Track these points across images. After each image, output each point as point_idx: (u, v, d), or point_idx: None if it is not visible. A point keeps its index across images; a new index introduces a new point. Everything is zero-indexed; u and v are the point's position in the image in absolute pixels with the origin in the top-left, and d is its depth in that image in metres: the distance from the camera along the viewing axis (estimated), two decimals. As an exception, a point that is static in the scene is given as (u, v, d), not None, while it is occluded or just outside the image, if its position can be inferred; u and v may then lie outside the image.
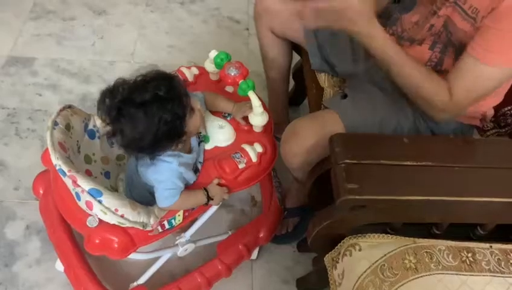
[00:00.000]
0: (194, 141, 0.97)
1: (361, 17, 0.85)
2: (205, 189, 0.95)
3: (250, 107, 0.99)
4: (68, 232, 1.11)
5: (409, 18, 1.02)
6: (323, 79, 1.20)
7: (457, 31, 0.90)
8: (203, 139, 0.99)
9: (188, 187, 0.94)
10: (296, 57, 1.39)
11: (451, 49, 0.93)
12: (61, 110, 0.97)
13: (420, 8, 1.00)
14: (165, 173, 0.89)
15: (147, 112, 0.81)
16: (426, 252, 0.86)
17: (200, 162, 0.97)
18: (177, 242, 1.08)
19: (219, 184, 0.96)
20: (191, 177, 0.94)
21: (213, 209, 1.03)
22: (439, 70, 0.96)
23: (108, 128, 0.85)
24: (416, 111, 0.97)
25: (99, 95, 0.85)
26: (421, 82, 0.89)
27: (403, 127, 0.99)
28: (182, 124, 0.85)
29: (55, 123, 0.94)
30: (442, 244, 0.89)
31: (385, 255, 0.85)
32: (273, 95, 1.42)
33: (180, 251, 1.08)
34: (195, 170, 0.96)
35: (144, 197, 0.95)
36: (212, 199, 0.95)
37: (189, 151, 0.95)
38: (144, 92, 0.82)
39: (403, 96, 0.96)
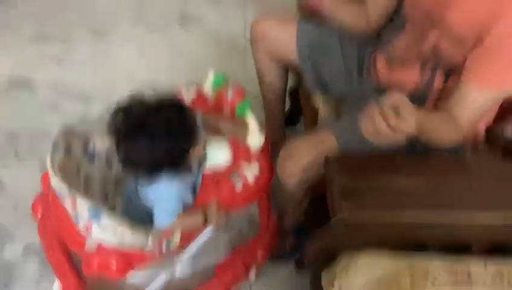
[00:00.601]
0: (193, 162, 0.98)
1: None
2: (204, 211, 0.96)
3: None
4: (67, 254, 1.10)
5: (399, 42, 1.05)
6: (318, 100, 1.22)
7: (446, 56, 0.93)
8: (202, 161, 1.01)
9: (187, 208, 0.95)
10: (292, 78, 1.42)
11: (441, 71, 0.96)
12: (61, 133, 0.99)
13: (409, 33, 1.03)
14: (165, 193, 0.90)
15: (155, 141, 0.83)
16: (422, 270, 0.87)
17: (198, 183, 0.99)
18: (175, 263, 1.09)
19: (217, 207, 0.97)
20: (190, 198, 0.95)
21: (210, 230, 1.04)
22: (431, 89, 0.98)
23: (114, 143, 0.87)
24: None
25: (114, 110, 0.86)
26: (442, 133, 0.91)
27: (397, 147, 1.01)
28: (185, 156, 0.88)
29: (55, 146, 0.95)
30: (438, 262, 0.90)
31: (381, 273, 0.86)
32: (270, 115, 1.44)
33: (178, 272, 1.08)
34: (193, 192, 0.97)
35: (142, 219, 0.96)
36: (210, 222, 0.96)
37: (190, 172, 0.96)
38: (157, 120, 0.83)
39: None
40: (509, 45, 0.83)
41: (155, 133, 0.83)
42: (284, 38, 1.18)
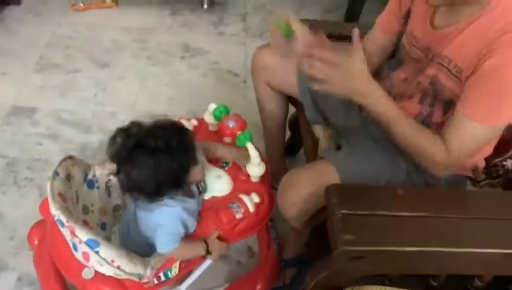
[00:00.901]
0: (194, 188, 0.98)
1: (361, 76, 0.89)
2: (205, 241, 0.95)
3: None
4: (62, 285, 1.08)
5: (398, 75, 1.07)
6: (318, 131, 1.23)
7: (444, 89, 0.95)
8: (202, 189, 1.01)
9: (188, 236, 0.94)
10: (292, 108, 1.44)
11: (440, 103, 0.98)
12: (62, 161, 0.99)
13: (408, 66, 1.05)
14: (167, 217, 0.90)
15: (156, 159, 0.84)
16: (424, 305, 0.85)
17: (198, 210, 0.98)
18: (172, 294, 1.06)
19: (218, 238, 0.96)
20: (192, 224, 0.94)
21: (209, 261, 1.02)
22: (430, 122, 1.00)
23: (115, 166, 0.88)
24: (410, 163, 1.00)
25: (114, 132, 0.88)
26: (420, 141, 0.92)
27: (397, 178, 1.01)
28: (185, 174, 0.88)
29: (56, 173, 0.95)
30: (441, 297, 0.88)
31: (384, 308, 0.85)
32: (270, 144, 1.45)
33: (176, 304, 1.06)
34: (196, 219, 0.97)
35: (139, 249, 0.95)
36: (211, 253, 0.95)
37: (192, 197, 0.96)
38: (156, 139, 0.85)
39: (397, 148, 0.99)
40: (498, 77, 0.84)
41: (154, 151, 0.84)
42: (285, 69, 1.20)
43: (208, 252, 0.94)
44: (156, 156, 0.84)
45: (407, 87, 1.03)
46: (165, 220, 0.90)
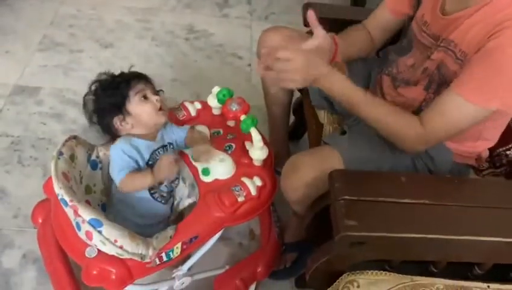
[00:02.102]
0: (165, 136, 1.06)
1: (314, 63, 0.92)
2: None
3: (206, 157, 1.03)
4: (65, 264, 1.09)
5: (405, 61, 1.06)
6: (323, 116, 1.22)
7: (449, 73, 0.94)
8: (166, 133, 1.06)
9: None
10: (297, 93, 1.43)
11: (446, 88, 0.97)
12: (66, 141, 1.00)
13: (416, 53, 1.04)
14: (113, 152, 1.00)
15: (102, 90, 1.03)
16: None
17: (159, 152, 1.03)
18: (173, 275, 1.08)
19: (168, 160, 0.98)
20: (141, 158, 1.00)
21: (211, 242, 1.03)
22: None
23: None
24: None
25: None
26: (390, 117, 0.94)
27: (401, 165, 1.01)
28: (124, 100, 0.99)
29: (60, 153, 0.95)
30: (440, 282, 0.89)
31: (383, 293, 0.86)
32: (274, 128, 1.45)
33: (177, 285, 1.07)
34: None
35: (123, 216, 1.00)
36: (159, 175, 0.98)
37: (148, 137, 1.02)
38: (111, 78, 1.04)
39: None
40: (498, 55, 0.82)
41: (104, 85, 1.03)
42: None
43: (156, 175, 0.97)
44: (107, 82, 1.03)
45: (413, 73, 1.02)
46: (112, 155, 1.00)
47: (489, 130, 0.99)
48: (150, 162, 1.01)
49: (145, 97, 1.01)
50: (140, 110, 1.00)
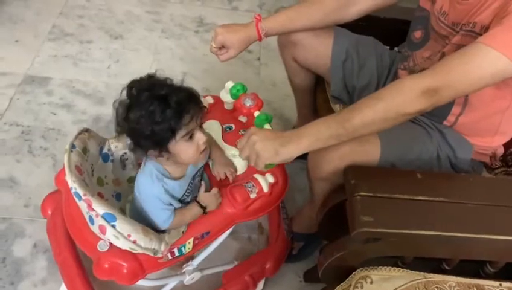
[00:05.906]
0: (191, 169, 0.95)
1: (274, 134, 0.90)
2: (197, 201, 0.95)
3: (231, 171, 1.00)
4: (74, 255, 1.09)
5: (421, 53, 1.06)
6: (338, 110, 1.22)
7: None
8: (202, 182, 0.99)
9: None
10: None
11: None
12: (79, 134, 0.99)
13: (432, 44, 1.03)
14: (152, 199, 0.90)
15: (152, 105, 0.82)
16: (436, 287, 0.86)
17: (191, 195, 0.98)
18: (184, 270, 1.08)
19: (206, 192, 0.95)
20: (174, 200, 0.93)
21: (222, 237, 1.03)
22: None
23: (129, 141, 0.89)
24: (440, 138, 1.01)
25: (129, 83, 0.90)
26: (381, 103, 0.85)
27: (428, 152, 1.01)
28: (170, 137, 0.84)
29: (72, 146, 0.95)
30: (452, 280, 0.89)
31: (396, 288, 0.86)
32: (301, 106, 1.46)
33: (187, 279, 1.08)
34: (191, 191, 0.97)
35: (141, 216, 0.95)
36: (206, 207, 0.95)
37: (179, 178, 0.93)
38: (162, 88, 0.84)
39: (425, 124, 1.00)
40: None
41: (153, 98, 0.83)
42: (317, 44, 1.19)
43: (204, 208, 0.95)
44: (152, 103, 0.82)
45: (431, 63, 1.01)
46: (147, 200, 0.91)
47: (507, 122, 0.99)
48: (182, 198, 0.96)
49: (191, 136, 0.87)
50: (182, 152, 0.87)
